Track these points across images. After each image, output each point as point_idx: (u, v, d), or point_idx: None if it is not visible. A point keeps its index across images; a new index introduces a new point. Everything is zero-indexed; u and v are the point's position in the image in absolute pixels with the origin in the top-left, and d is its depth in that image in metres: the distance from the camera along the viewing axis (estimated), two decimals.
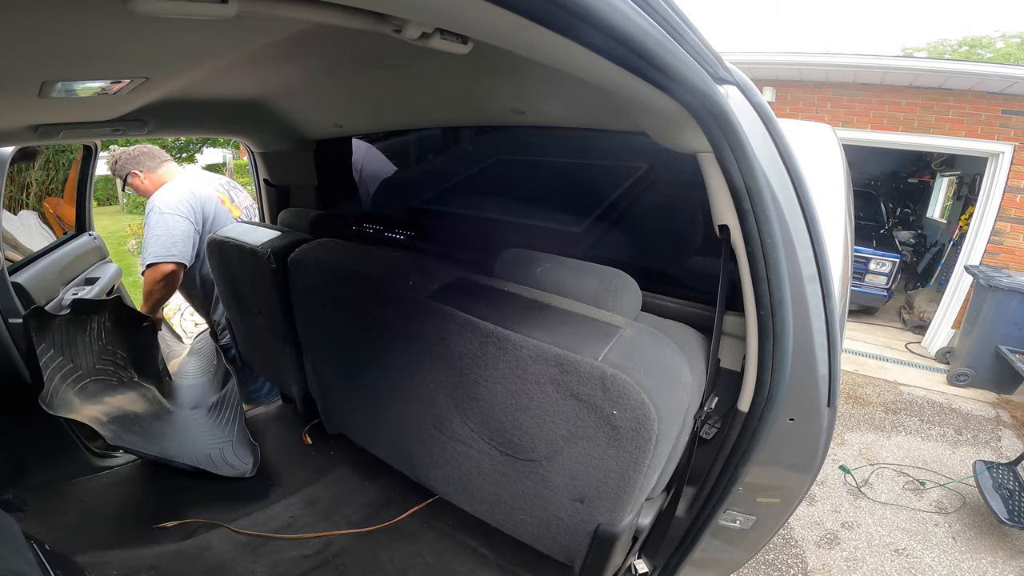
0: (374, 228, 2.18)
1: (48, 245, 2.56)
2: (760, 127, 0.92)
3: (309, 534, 1.60)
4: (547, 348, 1.03)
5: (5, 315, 1.82)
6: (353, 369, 1.59)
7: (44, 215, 2.71)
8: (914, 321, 5.78)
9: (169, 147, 14.76)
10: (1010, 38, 18.57)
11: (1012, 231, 4.72)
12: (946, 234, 7.08)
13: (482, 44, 0.68)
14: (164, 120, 1.51)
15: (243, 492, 1.77)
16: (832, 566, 2.39)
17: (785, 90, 5.25)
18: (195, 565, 1.45)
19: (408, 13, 0.61)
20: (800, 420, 1.08)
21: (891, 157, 7.98)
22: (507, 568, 1.52)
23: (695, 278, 1.43)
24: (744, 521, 1.28)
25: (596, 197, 1.74)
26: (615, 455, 1.03)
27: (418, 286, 1.27)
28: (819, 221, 0.98)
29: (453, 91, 1.43)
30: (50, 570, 1.00)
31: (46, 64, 0.86)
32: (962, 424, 3.75)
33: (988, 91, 4.55)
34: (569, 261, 1.21)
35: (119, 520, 1.59)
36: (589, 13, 0.57)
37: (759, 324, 1.01)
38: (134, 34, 0.78)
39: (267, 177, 2.29)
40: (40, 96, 0.98)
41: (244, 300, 1.93)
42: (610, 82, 0.77)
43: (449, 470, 1.38)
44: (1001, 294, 4.03)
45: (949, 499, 2.89)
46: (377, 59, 1.20)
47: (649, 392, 0.94)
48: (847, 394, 4.11)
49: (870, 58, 4.78)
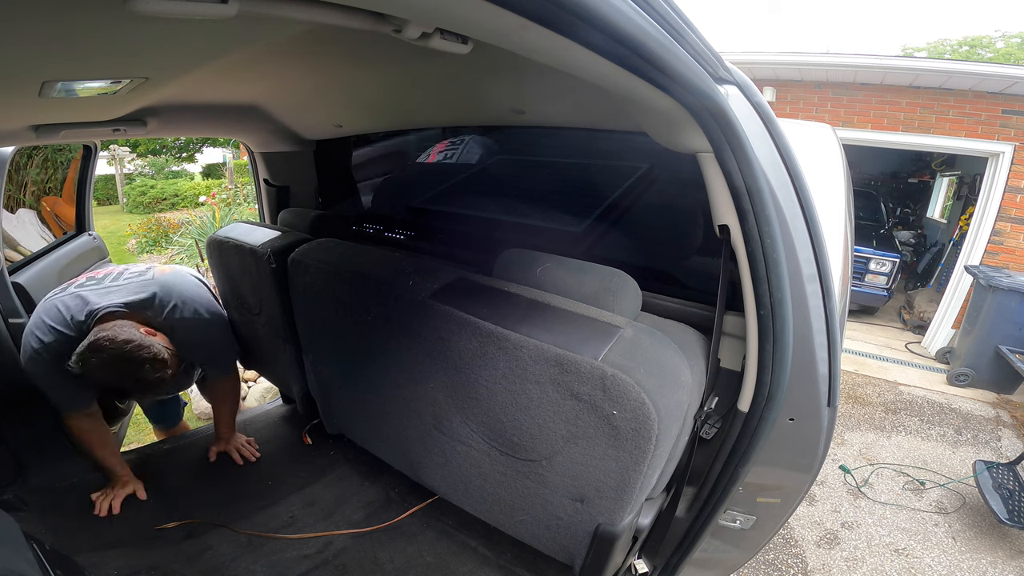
0: (374, 228, 2.18)
1: (48, 245, 2.56)
2: (760, 127, 0.93)
3: (309, 534, 1.60)
4: (547, 348, 1.03)
5: (5, 315, 1.82)
6: (353, 369, 1.59)
7: (41, 214, 2.71)
8: (914, 321, 5.78)
9: (169, 147, 14.81)
10: (1010, 38, 18.58)
11: (1012, 231, 4.71)
12: (946, 234, 7.08)
13: (482, 44, 0.68)
14: (164, 120, 1.51)
15: (243, 492, 1.77)
16: (832, 566, 2.39)
17: (785, 90, 5.25)
18: (195, 565, 1.45)
19: (408, 13, 0.61)
20: (800, 420, 1.09)
21: (891, 157, 7.98)
22: (507, 568, 1.52)
23: (695, 278, 1.43)
24: (744, 521, 1.28)
25: (596, 197, 1.74)
26: (615, 455, 1.03)
27: (418, 286, 1.27)
28: (819, 221, 0.98)
29: (453, 91, 1.43)
30: (50, 570, 1.00)
31: (46, 64, 0.86)
32: (962, 424, 3.75)
33: (988, 91, 4.55)
34: (569, 261, 1.21)
35: (119, 520, 1.59)
36: (589, 13, 0.57)
37: (759, 324, 1.01)
38: (134, 34, 0.78)
39: (267, 177, 2.30)
40: (40, 96, 0.99)
41: (244, 300, 1.93)
42: (610, 82, 0.77)
43: (449, 470, 1.38)
44: (1001, 294, 4.03)
45: (949, 499, 2.89)
46: (377, 59, 1.20)
47: (649, 392, 0.94)
48: (847, 394, 4.11)
49: (870, 58, 4.78)
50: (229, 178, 11.22)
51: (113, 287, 1.61)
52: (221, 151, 15.69)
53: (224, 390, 1.92)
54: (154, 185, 12.88)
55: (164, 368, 1.46)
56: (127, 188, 12.94)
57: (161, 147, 14.58)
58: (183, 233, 6.90)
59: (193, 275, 1.79)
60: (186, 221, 7.28)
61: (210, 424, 2.06)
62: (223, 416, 1.92)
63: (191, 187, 12.83)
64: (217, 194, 8.08)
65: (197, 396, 3.11)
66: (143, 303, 1.58)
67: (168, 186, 12.83)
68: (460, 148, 2.27)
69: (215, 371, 1.90)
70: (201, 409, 3.11)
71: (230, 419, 1.94)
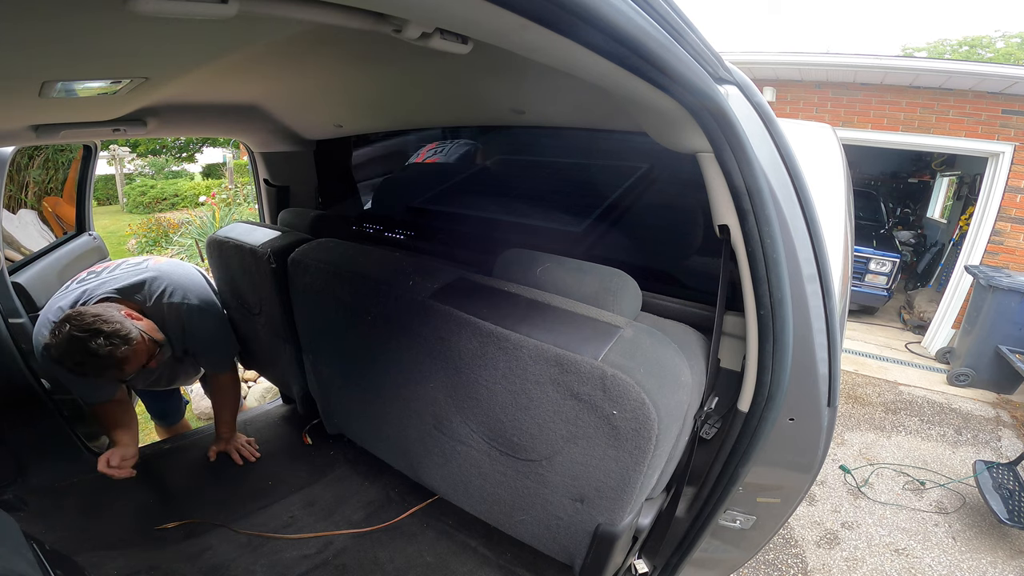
0: (374, 228, 2.18)
1: (48, 245, 2.57)
2: (760, 127, 0.93)
3: (309, 534, 1.60)
4: (547, 348, 1.03)
5: (5, 315, 1.83)
6: (353, 369, 1.59)
7: (43, 214, 2.71)
8: (914, 321, 5.78)
9: (169, 147, 14.81)
10: (1010, 38, 18.57)
11: (1012, 231, 4.71)
12: (946, 234, 7.08)
13: (482, 44, 0.68)
14: (164, 120, 1.51)
15: (243, 492, 1.77)
16: (832, 566, 2.39)
17: (785, 90, 5.25)
18: (195, 565, 1.46)
19: (408, 13, 0.61)
20: (800, 420, 1.09)
21: (891, 157, 7.98)
22: (507, 568, 1.52)
23: (695, 278, 1.43)
24: (744, 521, 1.28)
25: (596, 197, 1.74)
26: (615, 455, 1.03)
27: (418, 286, 1.27)
28: (819, 221, 0.98)
29: (453, 91, 1.43)
30: (50, 570, 1.00)
31: (46, 64, 0.86)
32: (962, 424, 3.74)
33: (988, 91, 4.55)
34: (569, 261, 1.21)
35: (119, 520, 1.59)
36: (589, 13, 0.57)
37: (759, 324, 1.01)
38: (134, 34, 0.78)
39: (267, 177, 2.29)
40: (40, 96, 0.99)
41: (244, 300, 1.93)
42: (610, 82, 0.77)
43: (449, 470, 1.38)
44: (1001, 294, 4.03)
45: (949, 499, 2.89)
46: (377, 59, 1.20)
47: (649, 392, 0.94)
48: (847, 394, 4.11)
49: (870, 58, 4.77)
50: (229, 178, 11.22)
51: (110, 278, 1.63)
52: (221, 151, 15.69)
53: (222, 387, 1.92)
54: (154, 185, 12.88)
55: (123, 344, 1.40)
56: (127, 188, 12.94)
57: (161, 147, 14.58)
58: (183, 233, 6.90)
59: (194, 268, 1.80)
60: (186, 221, 7.28)
61: (211, 424, 2.06)
62: (223, 416, 1.92)
63: (191, 187, 12.83)
64: (217, 194, 8.08)
65: (197, 396, 3.11)
66: (133, 287, 1.59)
67: (168, 186, 12.83)
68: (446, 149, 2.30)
69: (210, 365, 1.90)
70: (201, 409, 3.11)
71: (230, 419, 1.94)
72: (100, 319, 1.39)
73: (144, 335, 1.49)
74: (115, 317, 1.42)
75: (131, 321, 1.47)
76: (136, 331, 1.46)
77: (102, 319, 1.39)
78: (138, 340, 1.45)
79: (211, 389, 2.07)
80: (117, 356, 1.40)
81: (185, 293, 1.65)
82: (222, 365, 1.88)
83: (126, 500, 1.67)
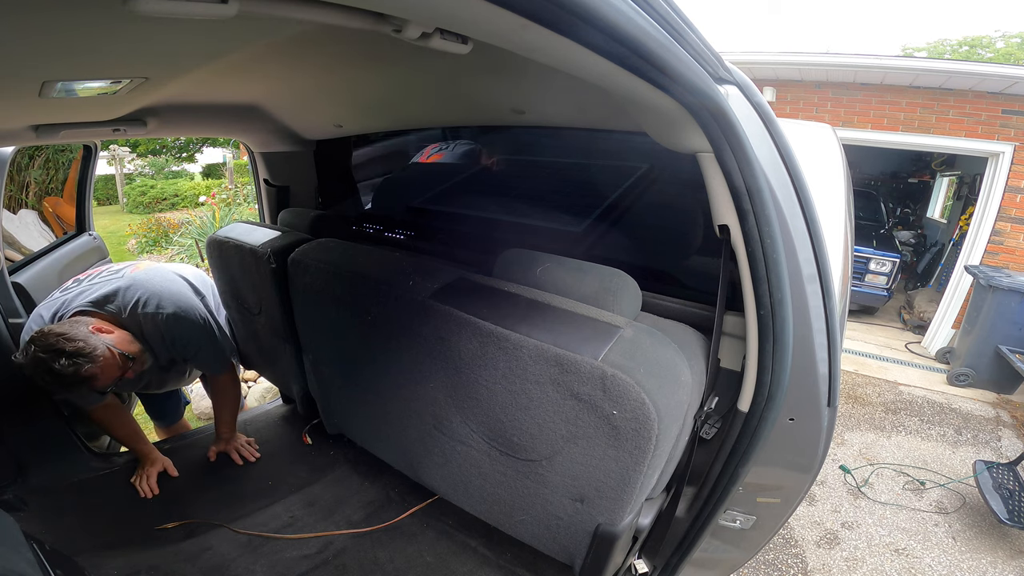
0: (374, 228, 2.18)
1: (48, 245, 2.57)
2: (760, 127, 0.93)
3: (309, 534, 1.60)
4: (547, 348, 1.03)
5: (5, 315, 1.83)
6: (353, 369, 1.59)
7: (43, 214, 2.72)
8: (914, 321, 5.78)
9: (169, 147, 14.80)
10: (1010, 38, 18.57)
11: (1012, 231, 4.71)
12: (946, 234, 7.08)
13: (482, 44, 0.68)
14: (164, 120, 1.51)
15: (243, 492, 1.77)
16: (832, 566, 2.39)
17: (785, 90, 5.25)
18: (195, 565, 1.46)
19: (408, 13, 0.61)
20: (800, 420, 1.09)
21: (891, 157, 7.98)
22: (507, 568, 1.52)
23: (695, 278, 1.43)
24: (744, 521, 1.28)
25: (596, 197, 1.74)
26: (615, 455, 1.03)
27: (418, 286, 1.27)
28: (819, 221, 0.98)
29: (453, 91, 1.43)
30: (50, 570, 1.00)
31: (46, 64, 0.86)
32: (962, 424, 3.74)
33: (988, 91, 4.55)
34: (569, 261, 1.21)
35: (119, 520, 1.59)
36: (589, 13, 0.57)
37: (759, 324, 1.01)
38: (134, 34, 0.78)
39: (267, 177, 2.29)
40: (40, 96, 0.99)
41: (244, 300, 1.93)
42: (610, 82, 0.77)
43: (449, 470, 1.38)
44: (1001, 294, 4.03)
45: (949, 499, 2.89)
46: (377, 59, 1.20)
47: (649, 392, 0.94)
48: (847, 394, 4.11)
49: (870, 58, 4.77)
50: (229, 178, 11.22)
51: (87, 287, 1.63)
52: (221, 151, 15.69)
53: (221, 388, 1.92)
54: (154, 185, 12.88)
55: (88, 362, 1.39)
56: (127, 188, 12.93)
57: (161, 147, 14.57)
58: (183, 233, 6.91)
59: (175, 272, 1.76)
60: (186, 221, 7.29)
61: (210, 424, 2.06)
62: (223, 416, 1.92)
63: (191, 187, 12.83)
64: (217, 194, 8.08)
65: (197, 396, 3.11)
66: (107, 297, 1.59)
67: (168, 186, 12.83)
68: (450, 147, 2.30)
69: (203, 368, 1.90)
70: (201, 409, 3.11)
71: (230, 419, 1.93)
72: (63, 338, 1.38)
73: (112, 349, 1.47)
74: (79, 335, 1.41)
75: (98, 336, 1.45)
76: (103, 347, 1.43)
77: (65, 338, 1.38)
78: (105, 356, 1.43)
79: (211, 389, 2.07)
80: (82, 375, 1.39)
81: (159, 302, 1.61)
82: (215, 367, 1.87)
83: (126, 500, 1.67)
